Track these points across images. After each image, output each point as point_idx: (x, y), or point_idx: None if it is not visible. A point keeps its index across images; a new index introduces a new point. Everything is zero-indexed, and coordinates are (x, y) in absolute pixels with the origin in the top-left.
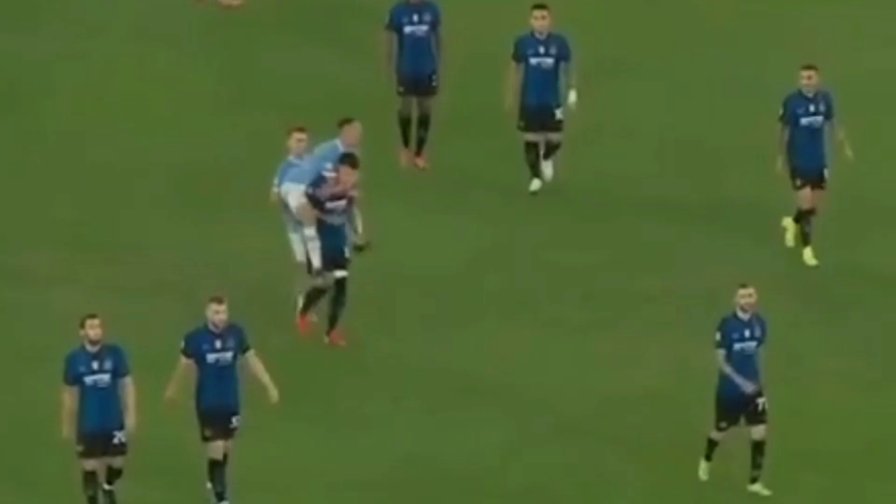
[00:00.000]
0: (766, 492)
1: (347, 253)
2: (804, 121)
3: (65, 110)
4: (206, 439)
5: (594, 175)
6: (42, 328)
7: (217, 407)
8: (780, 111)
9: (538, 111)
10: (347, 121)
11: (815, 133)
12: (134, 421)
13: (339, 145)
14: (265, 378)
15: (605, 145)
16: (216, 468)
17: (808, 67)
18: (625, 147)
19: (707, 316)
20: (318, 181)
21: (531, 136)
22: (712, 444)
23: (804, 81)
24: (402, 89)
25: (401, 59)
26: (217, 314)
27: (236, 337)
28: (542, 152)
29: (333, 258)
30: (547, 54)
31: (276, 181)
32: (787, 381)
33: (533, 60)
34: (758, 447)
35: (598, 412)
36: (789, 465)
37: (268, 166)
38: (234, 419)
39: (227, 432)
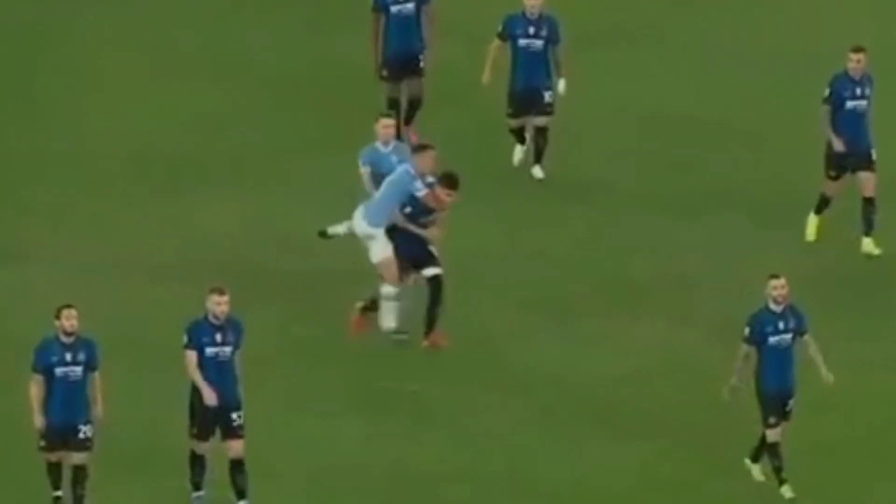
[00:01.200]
0: (760, 477)
1: (434, 251)
2: (850, 104)
3: (40, 84)
4: (192, 436)
5: (582, 156)
6: (18, 309)
7: (216, 405)
8: (826, 92)
9: (526, 94)
10: (422, 147)
11: (860, 117)
12: (101, 413)
13: (410, 171)
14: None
15: (594, 125)
16: (197, 467)
17: (858, 50)
18: (613, 126)
19: (690, 299)
20: (414, 202)
21: (516, 123)
22: (773, 448)
23: (852, 64)
24: (385, 73)
25: (387, 39)
26: (219, 305)
27: (236, 331)
28: (527, 135)
29: (419, 258)
30: (537, 36)
31: (360, 162)
32: None
33: (522, 42)
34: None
35: (584, 394)
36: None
37: (244, 141)
38: (234, 415)
39: (229, 432)
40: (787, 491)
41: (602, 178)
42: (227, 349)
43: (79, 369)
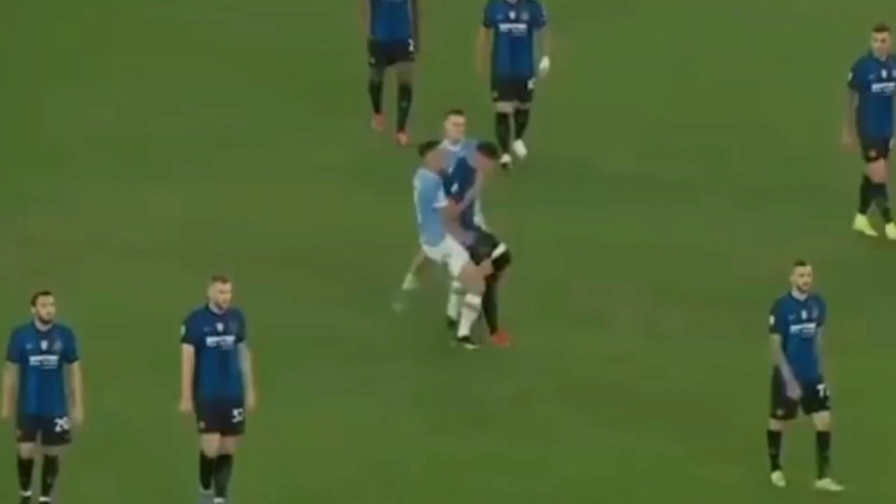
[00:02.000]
0: (835, 487)
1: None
2: (876, 87)
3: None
4: (200, 431)
5: (569, 135)
6: None
7: (218, 398)
8: (849, 76)
9: (511, 80)
10: (430, 145)
11: (886, 101)
12: (81, 411)
13: (427, 174)
14: (249, 378)
15: (579, 103)
16: (207, 467)
17: (882, 29)
18: (599, 106)
19: (678, 281)
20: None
21: (503, 106)
22: (774, 438)
23: (877, 45)
24: (373, 60)
25: (375, 26)
26: (222, 294)
27: (238, 321)
28: (512, 127)
29: (483, 242)
30: (518, 20)
31: None
32: None
33: (503, 26)
34: (822, 438)
35: (568, 376)
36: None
37: (216, 124)
38: (235, 412)
39: (228, 427)
40: (778, 479)
41: (588, 158)
42: (230, 339)
43: (54, 358)
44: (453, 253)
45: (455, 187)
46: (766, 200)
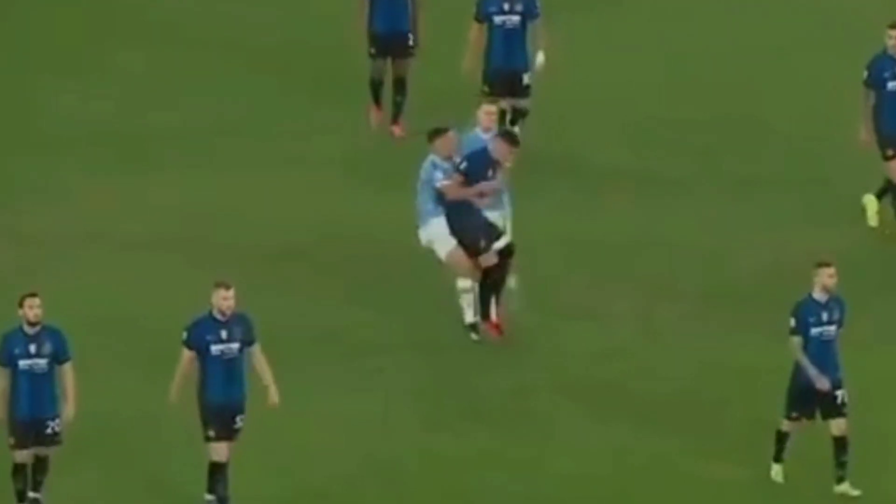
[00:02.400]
0: (854, 492)
1: (500, 222)
2: (891, 85)
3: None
4: (208, 440)
5: (564, 128)
6: None
7: (223, 405)
8: (864, 74)
9: (505, 75)
10: (438, 132)
11: None
12: (73, 411)
13: (436, 160)
14: (268, 376)
15: (575, 96)
16: (217, 472)
17: None
18: (595, 98)
19: (673, 274)
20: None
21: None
22: (782, 437)
23: (892, 42)
24: (373, 51)
25: (373, 16)
26: (225, 300)
27: (243, 326)
28: (508, 118)
29: (487, 232)
30: (512, 11)
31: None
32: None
33: (497, 19)
34: (839, 443)
35: (562, 372)
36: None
37: (216, 117)
38: (237, 419)
39: (229, 433)
40: (777, 474)
41: (583, 152)
42: (234, 346)
43: (43, 362)
44: (436, 239)
45: (464, 165)
46: (761, 195)
